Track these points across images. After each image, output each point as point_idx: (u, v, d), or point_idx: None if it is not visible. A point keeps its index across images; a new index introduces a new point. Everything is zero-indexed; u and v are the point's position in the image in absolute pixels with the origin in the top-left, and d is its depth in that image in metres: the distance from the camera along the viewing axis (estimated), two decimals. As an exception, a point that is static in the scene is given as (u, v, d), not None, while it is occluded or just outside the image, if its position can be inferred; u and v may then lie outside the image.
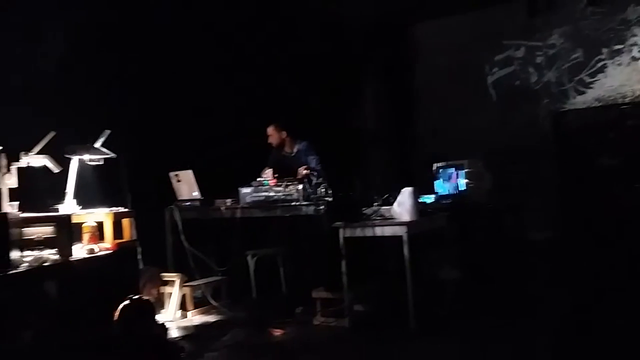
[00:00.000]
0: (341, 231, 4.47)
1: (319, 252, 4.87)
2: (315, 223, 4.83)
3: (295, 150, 5.53)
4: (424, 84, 8.57)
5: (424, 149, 8.14)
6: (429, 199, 5.42)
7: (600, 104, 7.49)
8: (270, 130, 5.46)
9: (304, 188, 4.89)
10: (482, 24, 8.09)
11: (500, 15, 7.97)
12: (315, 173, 5.11)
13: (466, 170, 5.72)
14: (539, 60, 7.93)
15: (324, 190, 4.86)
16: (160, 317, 4.54)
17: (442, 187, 5.75)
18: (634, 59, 7.32)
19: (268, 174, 5.14)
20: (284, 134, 5.48)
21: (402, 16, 8.29)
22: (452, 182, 5.73)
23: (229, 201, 5.12)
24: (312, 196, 4.87)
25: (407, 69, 8.64)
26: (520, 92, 8.06)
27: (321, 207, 4.75)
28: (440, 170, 5.84)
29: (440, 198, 5.56)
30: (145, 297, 3.35)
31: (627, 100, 7.33)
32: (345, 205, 4.75)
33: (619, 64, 7.41)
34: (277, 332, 4.38)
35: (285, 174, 5.12)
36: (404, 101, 8.51)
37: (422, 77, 8.60)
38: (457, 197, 5.56)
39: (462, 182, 5.66)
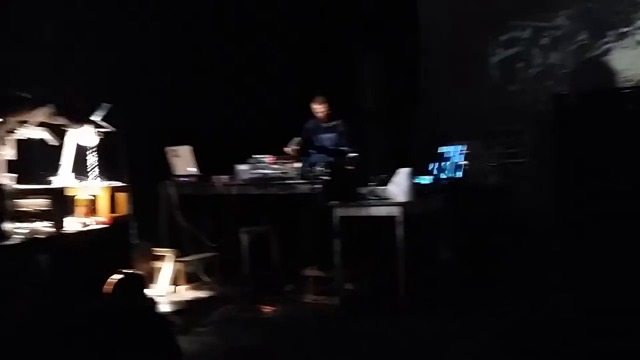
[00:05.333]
0: (335, 210, 4.49)
1: (313, 230, 4.90)
2: (310, 202, 4.85)
3: (331, 124, 5.56)
4: (427, 62, 8.48)
5: (424, 129, 8.11)
6: (426, 180, 5.41)
7: (601, 87, 7.41)
8: (322, 106, 5.46)
9: (302, 166, 4.90)
10: (488, 2, 7.99)
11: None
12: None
13: (466, 151, 5.69)
14: (544, 41, 7.83)
15: (321, 168, 4.86)
16: (150, 292, 4.60)
17: (440, 168, 5.73)
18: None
19: (292, 148, 5.19)
20: (327, 107, 5.51)
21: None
22: (451, 163, 5.70)
23: (225, 177, 5.14)
24: (309, 174, 4.87)
25: (410, 46, 8.54)
26: (524, 73, 7.99)
27: (317, 186, 4.76)
28: (439, 150, 5.82)
29: (438, 179, 5.55)
30: (137, 272, 3.38)
31: (630, 84, 7.26)
32: (341, 185, 4.76)
33: (625, 47, 7.31)
34: (267, 309, 4.43)
35: (319, 144, 5.36)
36: (405, 79, 8.44)
37: (425, 55, 8.51)
38: (455, 178, 5.54)
39: (461, 163, 5.64)
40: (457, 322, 3.96)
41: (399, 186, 4.48)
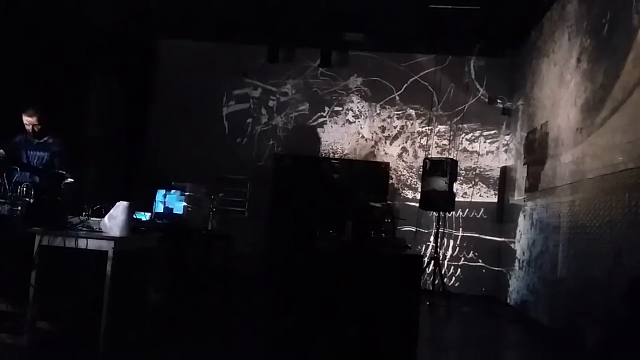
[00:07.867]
0: (37, 238, 4.00)
1: (3, 257, 4.26)
2: (6, 224, 4.22)
3: (43, 141, 4.91)
4: (162, 101, 8.43)
5: (149, 164, 7.94)
6: (144, 216, 5.24)
7: (314, 154, 8.37)
8: (32, 118, 4.81)
9: (1, 184, 4.27)
10: (227, 57, 8.39)
11: (245, 53, 8.39)
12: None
13: (187, 194, 5.69)
14: (271, 103, 8.53)
15: (25, 189, 4.30)
16: None
17: (160, 207, 5.61)
18: (348, 122, 8.41)
19: None
20: (38, 120, 4.87)
21: (150, 30, 8.14)
22: (172, 203, 5.64)
23: None
24: (8, 194, 4.26)
25: (148, 84, 8.44)
26: (251, 129, 8.53)
27: (17, 208, 4.18)
28: (162, 190, 5.71)
29: (156, 217, 5.41)
30: None
31: (336, 156, 8.36)
32: (47, 210, 4.28)
33: (336, 123, 8.44)
34: None
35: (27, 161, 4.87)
36: (136, 113, 8.23)
37: (161, 94, 8.46)
38: (173, 219, 5.47)
39: (181, 205, 5.61)
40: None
41: (114, 220, 4.22)
